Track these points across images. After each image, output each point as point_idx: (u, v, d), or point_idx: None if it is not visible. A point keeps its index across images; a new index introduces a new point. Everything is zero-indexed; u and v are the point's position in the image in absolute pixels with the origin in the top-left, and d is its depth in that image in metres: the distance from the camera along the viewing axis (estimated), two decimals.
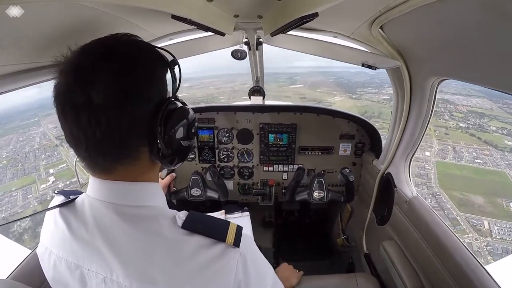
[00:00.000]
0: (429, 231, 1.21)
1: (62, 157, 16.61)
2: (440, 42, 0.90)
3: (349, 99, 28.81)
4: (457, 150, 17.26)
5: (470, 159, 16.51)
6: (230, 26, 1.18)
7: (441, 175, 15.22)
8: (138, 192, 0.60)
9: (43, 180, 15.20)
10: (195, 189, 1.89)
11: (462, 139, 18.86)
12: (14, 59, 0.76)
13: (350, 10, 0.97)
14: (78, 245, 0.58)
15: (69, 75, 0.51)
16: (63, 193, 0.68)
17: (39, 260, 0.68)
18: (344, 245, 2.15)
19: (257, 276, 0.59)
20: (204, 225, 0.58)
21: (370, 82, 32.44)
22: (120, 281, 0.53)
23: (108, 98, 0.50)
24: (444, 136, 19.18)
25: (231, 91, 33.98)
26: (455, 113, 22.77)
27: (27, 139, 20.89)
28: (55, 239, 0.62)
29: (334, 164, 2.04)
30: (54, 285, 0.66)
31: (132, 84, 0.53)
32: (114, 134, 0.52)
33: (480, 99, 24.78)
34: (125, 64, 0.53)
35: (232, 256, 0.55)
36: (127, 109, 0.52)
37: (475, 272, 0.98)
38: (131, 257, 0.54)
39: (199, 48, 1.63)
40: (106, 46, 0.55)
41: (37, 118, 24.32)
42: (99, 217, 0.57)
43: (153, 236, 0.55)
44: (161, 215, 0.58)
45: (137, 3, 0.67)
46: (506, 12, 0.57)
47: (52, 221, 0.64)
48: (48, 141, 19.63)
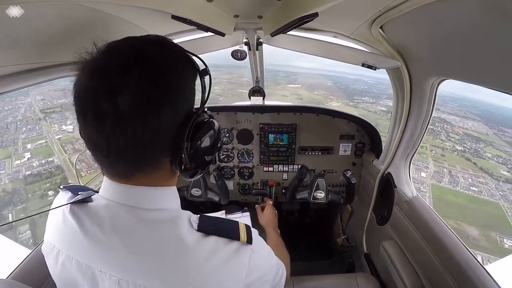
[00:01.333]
0: (429, 231, 1.21)
1: (42, 132, 15.76)
2: (440, 42, 0.90)
3: (346, 106, 28.37)
4: (453, 174, 16.65)
5: (466, 186, 15.85)
6: (230, 26, 1.18)
7: (436, 200, 14.52)
8: (156, 196, 0.59)
9: (19, 155, 14.37)
10: (195, 189, 1.89)
11: (458, 163, 18.27)
12: (14, 59, 0.76)
13: (350, 10, 0.97)
14: (91, 245, 0.56)
15: (93, 77, 0.48)
16: (70, 188, 0.66)
17: (45, 257, 0.66)
18: (344, 245, 2.15)
19: (263, 265, 0.63)
20: (217, 226, 0.58)
21: (368, 91, 32.23)
22: (139, 282, 0.53)
23: (135, 107, 0.48)
24: (440, 158, 18.63)
25: (227, 83, 33.82)
26: (451, 134, 22.46)
27: (12, 109, 19.73)
28: (64, 238, 0.61)
29: (334, 164, 2.04)
30: (60, 283, 0.65)
31: (161, 93, 0.50)
32: (139, 144, 0.50)
33: (476, 123, 24.66)
34: (155, 71, 0.50)
35: (245, 253, 0.57)
36: (154, 120, 0.50)
37: (475, 272, 0.98)
38: (150, 259, 0.53)
39: (199, 48, 1.63)
40: (136, 49, 0.52)
41: (26, 88, 24.14)
42: (116, 218, 0.56)
43: (172, 238, 0.54)
44: (178, 218, 0.57)
45: (137, 3, 0.67)
46: (506, 12, 0.57)
47: (60, 219, 0.62)
48: (32, 113, 18.65)
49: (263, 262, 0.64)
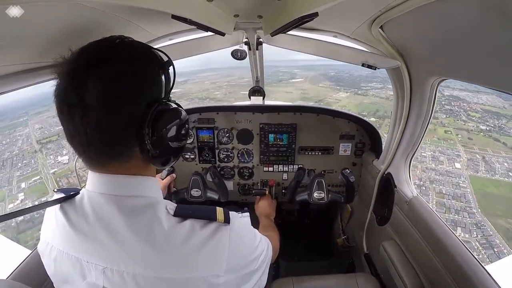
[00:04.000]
0: (429, 231, 1.21)
1: (38, 166, 15.23)
2: (440, 42, 0.90)
3: (355, 95, 26.86)
4: (487, 160, 15.27)
5: (503, 172, 14.50)
6: (230, 26, 1.18)
7: (479, 196, 12.92)
8: (135, 184, 0.62)
9: (13, 197, 13.82)
10: (195, 190, 1.89)
11: (487, 145, 16.58)
12: (14, 59, 0.76)
13: (350, 10, 0.97)
14: (79, 238, 0.59)
15: (65, 76, 0.55)
16: (63, 191, 0.69)
17: (40, 256, 0.69)
18: (344, 245, 2.15)
19: (247, 244, 0.66)
20: (194, 211, 0.61)
21: (373, 76, 30.76)
22: (122, 269, 0.55)
23: (98, 100, 0.53)
24: (469, 142, 17.13)
25: (228, 86, 33.30)
26: (470, 112, 20.96)
27: (10, 143, 19.87)
28: (56, 234, 0.64)
29: (334, 165, 2.04)
30: (55, 280, 0.67)
31: (123, 87, 0.55)
32: (104, 133, 0.55)
33: (489, 96, 23.00)
34: (117, 67, 0.55)
35: (224, 233, 0.60)
36: (116, 110, 0.54)
37: (475, 272, 0.98)
38: (133, 245, 0.56)
39: (199, 48, 1.63)
40: (101, 48, 0.57)
41: (26, 117, 23.32)
42: (99, 208, 0.59)
43: (152, 224, 0.57)
44: (156, 203, 0.61)
45: (137, 3, 0.67)
46: (506, 12, 0.57)
47: (52, 217, 0.66)
48: (29, 145, 18.56)
49: (246, 241, 0.66)
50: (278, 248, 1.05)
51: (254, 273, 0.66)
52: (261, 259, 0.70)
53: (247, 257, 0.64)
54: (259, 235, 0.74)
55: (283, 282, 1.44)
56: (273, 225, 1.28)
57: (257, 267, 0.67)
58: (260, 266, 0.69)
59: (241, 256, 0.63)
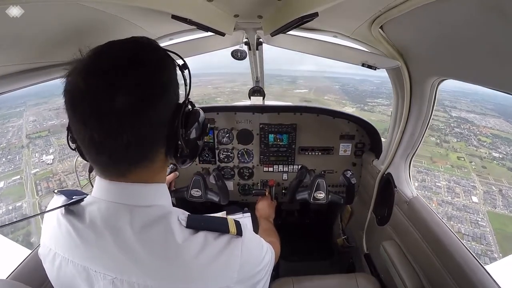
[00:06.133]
0: (429, 231, 1.21)
1: (21, 164, 13.82)
2: (440, 42, 0.90)
3: (361, 111, 26.08)
4: (504, 194, 14.12)
5: None
6: (230, 26, 1.18)
7: (500, 237, 11.62)
8: (148, 193, 0.61)
9: None
10: (195, 190, 1.88)
11: (503, 176, 15.52)
12: (15, 59, 0.76)
13: (350, 10, 0.97)
14: (85, 246, 0.58)
15: (90, 79, 0.50)
16: (64, 193, 0.67)
17: (42, 261, 0.68)
18: (344, 245, 2.14)
19: (256, 255, 0.67)
20: (206, 222, 0.60)
21: (378, 92, 30.54)
22: (133, 280, 0.54)
23: (133, 105, 0.51)
24: (483, 171, 16.10)
25: (231, 92, 32.89)
26: (481, 137, 20.12)
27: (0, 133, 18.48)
28: (60, 241, 0.62)
29: (334, 165, 2.04)
30: (58, 285, 0.65)
31: (155, 90, 0.54)
32: (140, 139, 0.54)
33: (497, 120, 22.80)
34: (148, 70, 0.54)
35: (236, 245, 0.60)
36: (150, 114, 0.53)
37: (475, 272, 0.98)
38: (144, 258, 0.54)
39: (199, 48, 1.63)
40: (129, 50, 0.55)
41: (23, 107, 21.82)
42: (109, 218, 0.57)
43: (165, 236, 0.56)
44: (169, 214, 0.60)
45: (137, 3, 0.67)
46: (506, 12, 0.57)
47: (55, 222, 0.63)
48: (17, 139, 17.08)
49: (255, 253, 0.66)
50: (279, 253, 1.06)
51: (260, 282, 0.67)
52: (267, 268, 0.70)
53: (256, 268, 0.65)
54: (265, 245, 0.75)
55: (283, 282, 1.44)
56: (274, 228, 1.28)
57: (263, 275, 0.68)
58: (265, 275, 0.69)
59: (251, 267, 0.63)
